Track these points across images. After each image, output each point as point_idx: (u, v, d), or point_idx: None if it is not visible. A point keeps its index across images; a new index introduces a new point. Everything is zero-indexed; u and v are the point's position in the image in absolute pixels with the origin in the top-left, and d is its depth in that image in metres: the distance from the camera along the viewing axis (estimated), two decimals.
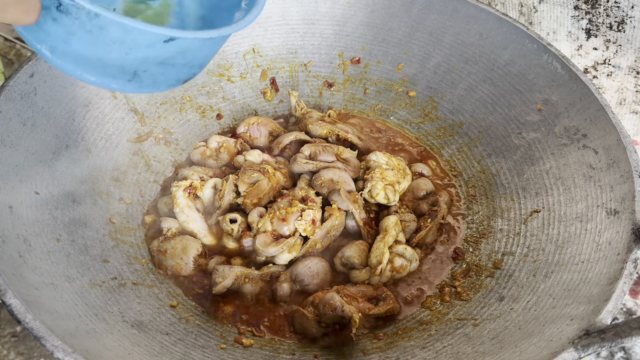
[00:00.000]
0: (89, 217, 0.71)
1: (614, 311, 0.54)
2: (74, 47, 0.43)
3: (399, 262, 0.71)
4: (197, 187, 0.76)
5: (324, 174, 0.76)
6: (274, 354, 0.64)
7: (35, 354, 0.80)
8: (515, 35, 0.83)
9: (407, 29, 0.91)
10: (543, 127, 0.79)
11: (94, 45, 0.42)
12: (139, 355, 0.56)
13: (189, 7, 0.61)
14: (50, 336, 0.48)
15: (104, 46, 0.42)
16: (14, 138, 0.66)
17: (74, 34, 0.41)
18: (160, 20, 0.59)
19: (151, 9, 0.59)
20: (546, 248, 0.69)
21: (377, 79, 0.96)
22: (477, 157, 0.86)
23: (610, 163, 0.68)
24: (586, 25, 0.91)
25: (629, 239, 0.60)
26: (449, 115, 0.91)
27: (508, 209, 0.79)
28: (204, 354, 0.61)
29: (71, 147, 0.74)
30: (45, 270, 0.59)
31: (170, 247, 0.72)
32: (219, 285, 0.68)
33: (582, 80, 0.75)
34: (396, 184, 0.78)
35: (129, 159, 0.81)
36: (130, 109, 0.83)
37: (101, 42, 0.42)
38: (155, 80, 0.48)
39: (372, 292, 0.69)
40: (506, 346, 0.58)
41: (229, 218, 0.74)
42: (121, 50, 0.43)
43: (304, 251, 0.72)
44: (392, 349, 0.64)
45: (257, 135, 0.87)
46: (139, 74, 0.46)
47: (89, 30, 0.40)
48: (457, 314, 0.68)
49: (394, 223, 0.73)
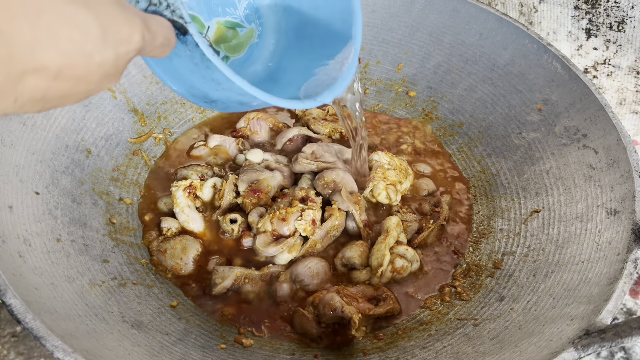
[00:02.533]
0: (89, 217, 0.71)
1: (614, 311, 0.54)
2: (174, 63, 0.43)
3: (400, 263, 0.71)
4: (197, 186, 0.76)
5: (326, 175, 0.76)
6: (274, 354, 0.64)
7: (35, 354, 0.80)
8: (515, 35, 0.83)
9: (407, 29, 0.91)
10: (543, 127, 0.79)
11: (192, 73, 0.43)
12: (139, 355, 0.56)
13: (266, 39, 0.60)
14: (50, 336, 0.48)
15: (201, 78, 0.43)
16: (14, 138, 0.66)
17: (180, 56, 0.42)
18: (238, 50, 0.59)
19: (236, 38, 0.58)
20: (546, 248, 0.69)
21: (377, 79, 0.96)
22: (477, 157, 0.86)
23: (610, 163, 0.68)
24: (586, 25, 0.91)
25: (629, 239, 0.60)
26: (449, 115, 0.91)
27: (508, 209, 0.79)
28: (204, 354, 0.61)
29: (71, 147, 0.74)
30: (45, 270, 0.59)
31: (170, 247, 0.72)
32: (218, 286, 0.68)
33: (582, 80, 0.75)
34: (398, 184, 0.78)
35: (129, 159, 0.81)
36: (130, 109, 0.83)
37: (201, 74, 0.42)
38: (227, 107, 0.49)
39: (372, 293, 0.69)
40: (506, 346, 0.58)
41: (229, 218, 0.74)
42: (213, 86, 0.44)
43: (304, 251, 0.72)
44: (392, 349, 0.64)
45: (258, 129, 0.87)
46: (217, 102, 0.48)
47: (196, 63, 0.41)
48: (457, 314, 0.68)
49: (395, 224, 0.73)
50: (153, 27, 0.36)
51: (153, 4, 0.39)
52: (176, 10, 0.39)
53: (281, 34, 0.60)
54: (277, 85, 0.59)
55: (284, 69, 0.60)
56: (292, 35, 0.60)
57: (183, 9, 0.39)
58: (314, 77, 0.56)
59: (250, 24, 0.59)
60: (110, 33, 0.31)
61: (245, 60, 0.60)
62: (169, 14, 0.39)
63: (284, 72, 0.60)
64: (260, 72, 0.60)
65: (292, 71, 0.59)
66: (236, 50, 0.59)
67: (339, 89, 0.52)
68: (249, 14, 0.59)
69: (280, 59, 0.61)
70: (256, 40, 0.60)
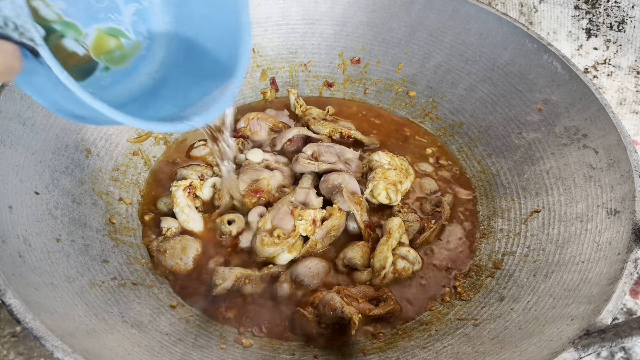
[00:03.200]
0: (89, 217, 0.71)
1: (614, 311, 0.54)
2: (34, 81, 0.41)
3: (402, 264, 0.71)
4: (196, 186, 0.76)
5: (331, 178, 0.76)
6: (274, 354, 0.64)
7: (35, 354, 0.80)
8: (515, 35, 0.83)
9: (407, 28, 0.91)
10: (543, 127, 0.79)
11: (53, 91, 0.41)
12: (138, 355, 0.56)
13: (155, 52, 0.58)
14: (50, 336, 0.48)
15: (62, 97, 0.41)
16: (14, 138, 0.66)
17: (38, 74, 0.40)
18: (121, 61, 0.56)
19: (120, 49, 0.55)
20: (546, 248, 0.69)
21: (377, 78, 0.96)
22: (477, 157, 0.86)
23: (610, 163, 0.68)
24: (586, 25, 0.91)
25: (629, 239, 0.60)
26: (449, 115, 0.91)
27: (508, 209, 0.79)
28: (203, 354, 0.61)
29: (71, 147, 0.74)
30: (45, 270, 0.59)
31: (170, 247, 0.71)
32: (219, 287, 0.68)
33: (582, 80, 0.75)
34: (398, 184, 0.78)
35: (129, 159, 0.81)
36: None
37: (61, 94, 0.41)
38: (96, 122, 0.47)
39: (373, 293, 0.69)
40: (506, 346, 0.58)
41: (227, 219, 0.73)
42: (77, 105, 0.42)
43: (304, 251, 0.72)
44: (392, 349, 0.64)
45: (258, 129, 0.87)
46: (86, 119, 0.46)
47: (54, 83, 0.39)
48: (458, 314, 0.68)
49: (397, 225, 0.73)
50: None
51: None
52: (25, 32, 0.36)
53: (171, 49, 0.58)
54: (157, 99, 0.57)
55: (169, 84, 0.58)
56: (182, 53, 0.58)
57: (33, 30, 0.36)
58: (194, 97, 0.55)
59: (137, 36, 0.56)
60: None
61: (130, 70, 0.57)
62: (17, 36, 0.36)
63: (168, 87, 0.58)
64: (145, 84, 0.58)
65: (175, 88, 0.57)
66: (119, 61, 0.56)
67: (208, 117, 0.51)
68: (136, 21, 0.56)
69: (167, 74, 0.58)
70: (143, 52, 0.57)
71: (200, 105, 0.54)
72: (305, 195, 0.75)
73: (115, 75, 0.55)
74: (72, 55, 0.51)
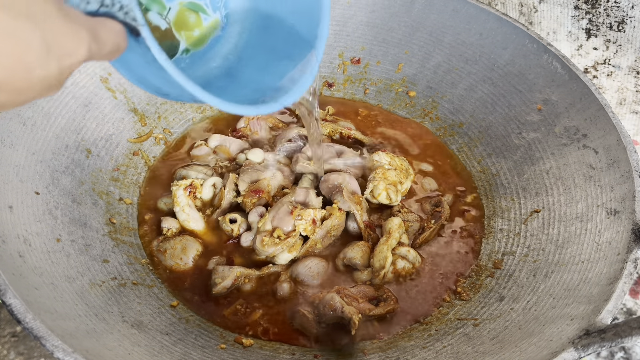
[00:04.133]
0: (89, 217, 0.71)
1: (614, 311, 0.54)
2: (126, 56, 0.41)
3: (402, 264, 0.71)
4: (197, 186, 0.76)
5: (331, 178, 0.76)
6: (274, 354, 0.64)
7: (35, 354, 0.80)
8: (515, 35, 0.83)
9: (407, 29, 0.91)
10: (543, 127, 0.79)
11: (144, 68, 0.42)
12: (139, 355, 0.56)
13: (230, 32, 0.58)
14: (50, 336, 0.48)
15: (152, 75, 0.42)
16: (14, 138, 0.66)
17: (133, 51, 0.40)
18: (200, 43, 0.56)
19: (199, 28, 0.56)
20: (546, 248, 0.69)
21: (377, 79, 0.96)
22: (477, 157, 0.86)
23: (610, 163, 0.68)
24: (586, 25, 0.91)
25: (629, 238, 0.60)
26: (449, 115, 0.91)
27: (508, 209, 0.79)
28: (204, 354, 0.61)
29: (71, 147, 0.74)
30: (45, 270, 0.59)
31: (170, 247, 0.72)
32: (218, 286, 0.68)
33: (582, 80, 0.75)
34: (398, 184, 0.78)
35: (129, 159, 0.81)
36: (130, 109, 0.83)
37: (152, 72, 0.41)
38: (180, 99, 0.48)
39: (373, 293, 0.69)
40: (506, 346, 0.58)
41: (229, 218, 0.74)
42: (165, 83, 0.43)
43: (304, 251, 0.72)
44: (392, 349, 0.64)
45: (257, 129, 0.87)
46: (170, 95, 0.47)
47: (148, 62, 0.40)
48: (457, 314, 0.68)
49: (397, 225, 0.73)
50: (102, 35, 0.35)
51: (105, 5, 0.36)
52: (129, 12, 0.37)
53: (245, 27, 0.58)
54: (235, 82, 0.56)
55: (244, 65, 0.57)
56: (256, 32, 0.58)
57: (137, 11, 0.37)
58: (274, 78, 0.54)
59: (215, 12, 0.56)
60: (55, 48, 0.31)
61: (205, 52, 0.57)
62: (122, 15, 0.37)
63: (243, 69, 0.57)
64: (220, 66, 0.58)
65: (251, 69, 0.57)
66: (198, 43, 0.56)
67: (298, 93, 0.51)
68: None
69: (241, 55, 0.58)
70: (219, 32, 0.57)
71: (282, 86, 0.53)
72: (305, 195, 0.75)
73: (192, 58, 0.56)
74: (155, 29, 0.51)
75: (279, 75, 0.54)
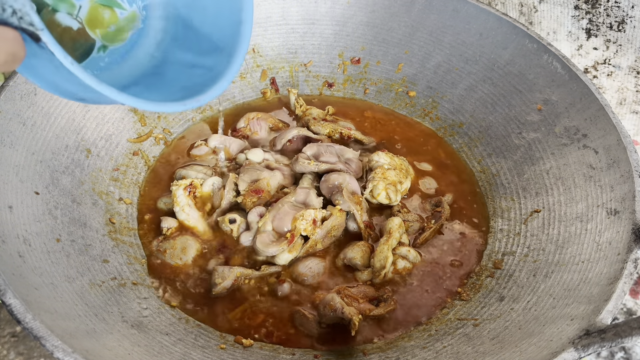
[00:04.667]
0: (89, 217, 0.71)
1: (614, 311, 0.54)
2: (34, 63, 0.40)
3: (402, 264, 0.71)
4: (197, 186, 0.76)
5: (331, 178, 0.76)
6: (274, 354, 0.64)
7: (35, 354, 0.80)
8: (515, 35, 0.83)
9: (407, 29, 0.91)
10: (543, 127, 0.79)
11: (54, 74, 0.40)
12: (138, 355, 0.56)
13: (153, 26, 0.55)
14: (50, 336, 0.48)
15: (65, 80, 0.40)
16: (14, 138, 0.66)
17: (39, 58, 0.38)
18: (117, 37, 0.53)
19: (115, 23, 0.52)
20: (546, 248, 0.69)
21: (377, 79, 0.96)
22: (477, 157, 0.86)
23: (610, 163, 0.68)
24: (586, 25, 0.91)
25: (629, 239, 0.60)
26: (449, 115, 0.91)
27: (508, 209, 0.79)
28: (204, 354, 0.61)
29: (71, 147, 0.74)
30: (45, 270, 0.59)
31: (170, 247, 0.72)
32: (218, 286, 0.68)
33: (582, 80, 0.75)
34: (398, 184, 0.78)
35: (129, 159, 0.81)
36: (130, 108, 0.83)
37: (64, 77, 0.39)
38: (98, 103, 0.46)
39: (373, 293, 0.69)
40: (506, 346, 0.58)
41: (228, 218, 0.74)
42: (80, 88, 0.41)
43: (304, 251, 0.72)
44: (392, 349, 0.64)
45: (258, 129, 0.87)
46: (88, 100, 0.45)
47: (56, 66, 0.37)
48: (457, 314, 0.68)
49: (397, 225, 0.73)
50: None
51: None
52: (24, 16, 0.34)
53: (170, 22, 0.55)
54: (162, 80, 0.54)
55: (171, 62, 0.55)
56: (181, 26, 0.55)
57: (33, 15, 0.34)
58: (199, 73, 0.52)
59: (132, 5, 0.53)
60: None
61: (128, 49, 0.54)
62: (16, 21, 0.34)
63: (170, 66, 0.55)
64: (145, 64, 0.55)
65: (178, 66, 0.54)
66: (115, 38, 0.53)
67: (220, 89, 0.49)
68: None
69: (167, 51, 0.55)
70: (140, 25, 0.54)
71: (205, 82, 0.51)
72: (305, 195, 0.75)
73: (112, 55, 0.53)
74: (66, 30, 0.49)
75: (206, 68, 0.52)
